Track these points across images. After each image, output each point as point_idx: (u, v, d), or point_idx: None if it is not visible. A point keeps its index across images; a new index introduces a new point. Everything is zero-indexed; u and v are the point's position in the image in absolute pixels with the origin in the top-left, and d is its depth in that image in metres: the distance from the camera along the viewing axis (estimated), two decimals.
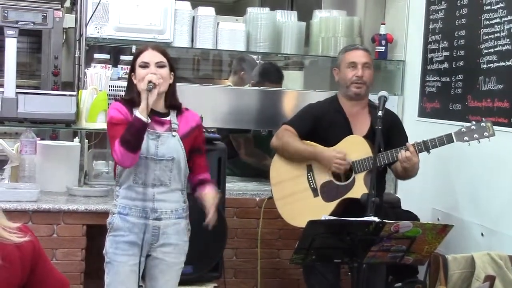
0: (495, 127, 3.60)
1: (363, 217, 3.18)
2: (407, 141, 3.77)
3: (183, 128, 3.39)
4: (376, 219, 3.09)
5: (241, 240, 4.64)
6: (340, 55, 3.97)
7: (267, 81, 5.31)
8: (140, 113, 3.20)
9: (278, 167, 3.98)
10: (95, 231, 4.13)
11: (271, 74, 5.39)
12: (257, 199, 4.65)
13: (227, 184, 4.20)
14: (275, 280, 4.64)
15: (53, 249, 3.99)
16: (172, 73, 3.37)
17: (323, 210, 3.66)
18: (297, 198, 3.86)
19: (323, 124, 3.88)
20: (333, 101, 3.96)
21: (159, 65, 3.31)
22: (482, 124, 3.56)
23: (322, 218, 3.13)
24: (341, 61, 3.91)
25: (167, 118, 3.38)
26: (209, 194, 3.43)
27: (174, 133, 3.35)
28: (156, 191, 3.33)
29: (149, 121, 3.22)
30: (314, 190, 3.82)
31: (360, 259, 3.16)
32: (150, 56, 3.33)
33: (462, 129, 3.59)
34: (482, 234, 3.98)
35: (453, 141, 3.59)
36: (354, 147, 3.74)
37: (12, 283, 2.06)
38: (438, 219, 4.32)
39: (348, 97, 3.86)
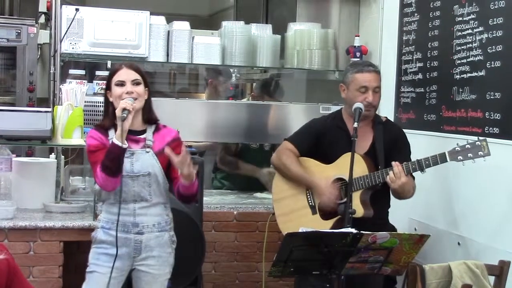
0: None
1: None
2: (409, 157, 3.72)
3: (159, 145, 3.42)
4: (353, 230, 3.10)
5: (220, 253, 4.63)
6: (350, 74, 3.76)
7: (266, 95, 5.46)
8: (117, 139, 3.26)
9: (278, 184, 3.96)
10: (73, 248, 4.11)
11: (269, 88, 5.51)
12: (235, 212, 4.66)
13: (204, 198, 4.18)
14: None
15: (30, 266, 3.96)
16: (146, 88, 3.43)
17: (321, 228, 3.64)
18: (296, 215, 3.84)
19: (324, 140, 3.84)
20: (336, 117, 3.89)
21: (135, 83, 3.38)
22: (477, 143, 3.47)
23: (300, 230, 3.13)
24: (350, 81, 3.73)
25: (142, 136, 3.43)
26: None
27: (147, 149, 3.40)
28: (137, 206, 3.39)
29: (126, 145, 3.27)
30: (313, 208, 3.81)
31: (338, 270, 3.17)
32: (126, 74, 3.38)
33: (456, 148, 3.51)
34: (458, 243, 4.01)
35: (447, 161, 3.52)
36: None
37: None
38: (415, 229, 4.34)
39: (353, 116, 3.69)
